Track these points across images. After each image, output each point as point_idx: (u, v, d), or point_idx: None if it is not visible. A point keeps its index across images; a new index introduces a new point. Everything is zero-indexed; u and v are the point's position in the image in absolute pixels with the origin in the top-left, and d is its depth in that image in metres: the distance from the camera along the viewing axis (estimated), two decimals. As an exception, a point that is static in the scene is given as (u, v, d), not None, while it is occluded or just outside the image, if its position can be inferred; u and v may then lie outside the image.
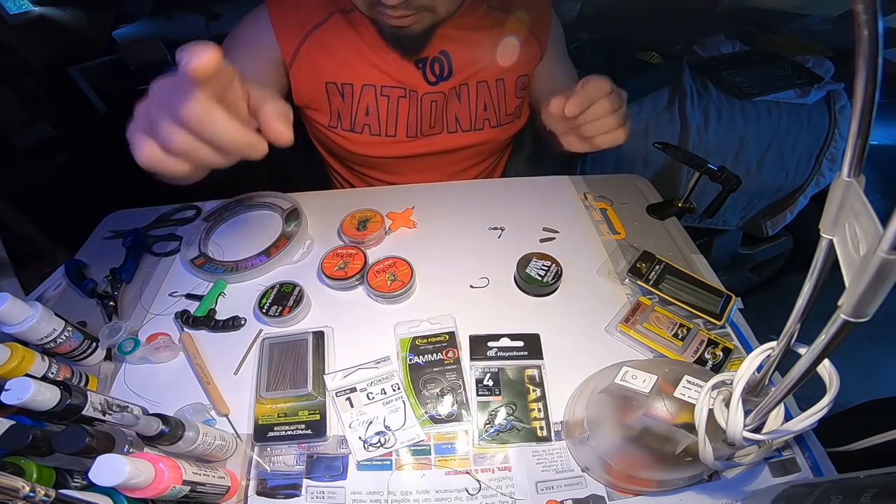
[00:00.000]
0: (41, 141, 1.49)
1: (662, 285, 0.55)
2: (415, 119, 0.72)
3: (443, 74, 0.69)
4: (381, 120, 0.71)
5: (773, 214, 1.22)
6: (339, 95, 0.69)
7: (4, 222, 1.18)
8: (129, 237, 0.66)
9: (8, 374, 0.41)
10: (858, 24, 0.15)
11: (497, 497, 0.41)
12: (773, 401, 0.26)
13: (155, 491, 0.31)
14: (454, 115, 0.73)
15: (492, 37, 0.68)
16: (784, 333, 0.25)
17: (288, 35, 0.65)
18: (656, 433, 0.35)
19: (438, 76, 0.69)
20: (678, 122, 1.08)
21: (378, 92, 0.69)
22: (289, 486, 0.42)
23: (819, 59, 1.13)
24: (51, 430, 0.33)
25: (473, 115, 0.74)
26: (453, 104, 0.72)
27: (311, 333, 0.52)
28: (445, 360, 0.49)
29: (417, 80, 0.68)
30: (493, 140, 0.78)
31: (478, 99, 0.72)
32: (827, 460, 0.42)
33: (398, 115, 0.71)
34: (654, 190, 0.75)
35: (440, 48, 0.67)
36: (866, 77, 0.15)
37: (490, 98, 0.73)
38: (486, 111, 0.74)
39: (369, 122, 0.71)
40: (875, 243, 0.15)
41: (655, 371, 0.37)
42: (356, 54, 0.67)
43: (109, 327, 0.52)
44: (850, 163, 0.18)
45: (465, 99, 0.72)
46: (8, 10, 1.46)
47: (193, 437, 0.38)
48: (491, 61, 0.70)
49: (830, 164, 1.10)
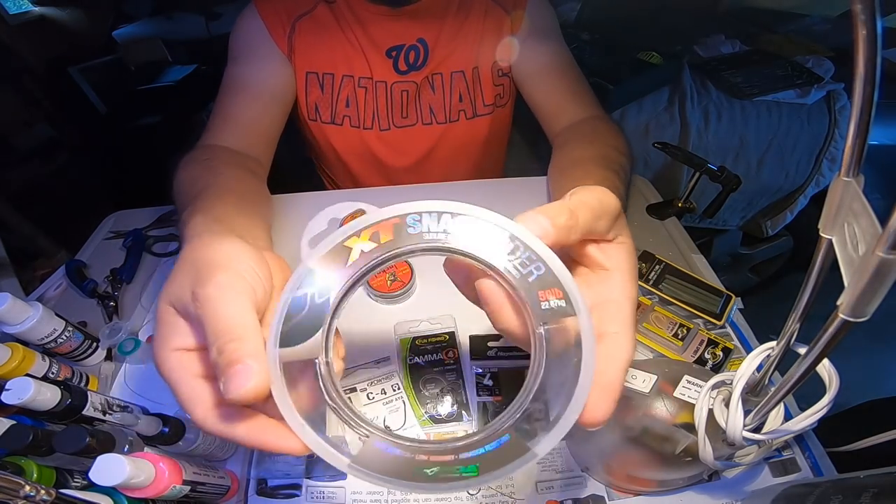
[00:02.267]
0: (41, 141, 1.49)
1: (662, 285, 0.55)
2: (385, 110, 0.71)
3: (416, 64, 0.69)
4: (359, 111, 0.71)
5: (773, 214, 1.22)
6: (318, 86, 0.69)
7: (4, 222, 1.18)
8: (130, 237, 0.66)
9: (8, 374, 0.41)
10: (857, 23, 0.15)
11: (497, 497, 0.41)
12: (773, 401, 0.26)
13: (155, 491, 0.31)
14: (428, 106, 0.72)
15: (470, 24, 0.68)
16: (784, 333, 0.25)
17: (279, 28, 0.65)
18: (656, 433, 0.35)
19: (412, 65, 0.69)
20: (678, 122, 1.08)
21: (356, 83, 0.69)
22: (289, 486, 0.42)
23: (819, 59, 1.13)
24: (51, 430, 0.33)
25: (448, 106, 0.72)
26: (426, 94, 0.71)
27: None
28: (445, 360, 0.49)
29: (387, 70, 0.68)
30: (471, 132, 0.76)
31: (452, 89, 0.71)
32: (827, 460, 0.42)
33: (376, 106, 0.71)
34: (654, 190, 0.75)
35: (418, 35, 0.67)
36: (865, 77, 0.15)
37: (466, 87, 0.72)
38: (461, 101, 0.72)
39: (349, 113, 0.71)
40: (874, 243, 0.15)
41: (655, 371, 0.37)
42: (337, 44, 0.67)
43: (110, 327, 0.52)
44: (848, 162, 0.18)
45: (438, 89, 0.71)
46: (8, 10, 1.47)
47: (193, 437, 0.38)
48: (467, 49, 0.69)
49: (830, 164, 1.10)
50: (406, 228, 0.22)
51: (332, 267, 0.22)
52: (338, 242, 0.22)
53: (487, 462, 0.20)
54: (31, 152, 1.45)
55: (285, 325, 0.21)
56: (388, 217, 0.22)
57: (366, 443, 0.21)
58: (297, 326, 0.21)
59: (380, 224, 0.22)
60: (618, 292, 0.26)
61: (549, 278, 0.21)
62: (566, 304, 0.21)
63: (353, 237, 0.22)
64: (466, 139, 0.77)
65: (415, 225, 0.22)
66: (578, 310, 0.21)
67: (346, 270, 0.22)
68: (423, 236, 0.22)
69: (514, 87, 0.75)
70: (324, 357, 0.22)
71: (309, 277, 0.22)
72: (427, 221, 0.22)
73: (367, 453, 0.20)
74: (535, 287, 0.21)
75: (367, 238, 0.22)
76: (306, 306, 0.22)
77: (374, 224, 0.22)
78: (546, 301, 0.21)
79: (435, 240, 0.22)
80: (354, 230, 0.22)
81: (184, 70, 1.65)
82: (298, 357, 0.21)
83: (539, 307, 0.21)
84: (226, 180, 0.49)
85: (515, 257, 0.22)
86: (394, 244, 0.22)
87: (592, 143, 0.58)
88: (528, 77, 0.72)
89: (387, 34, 0.67)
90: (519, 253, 0.22)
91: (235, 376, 0.19)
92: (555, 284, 0.21)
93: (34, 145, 1.47)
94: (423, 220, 0.22)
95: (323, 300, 0.22)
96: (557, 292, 0.21)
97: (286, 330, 0.21)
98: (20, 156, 1.43)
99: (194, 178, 0.50)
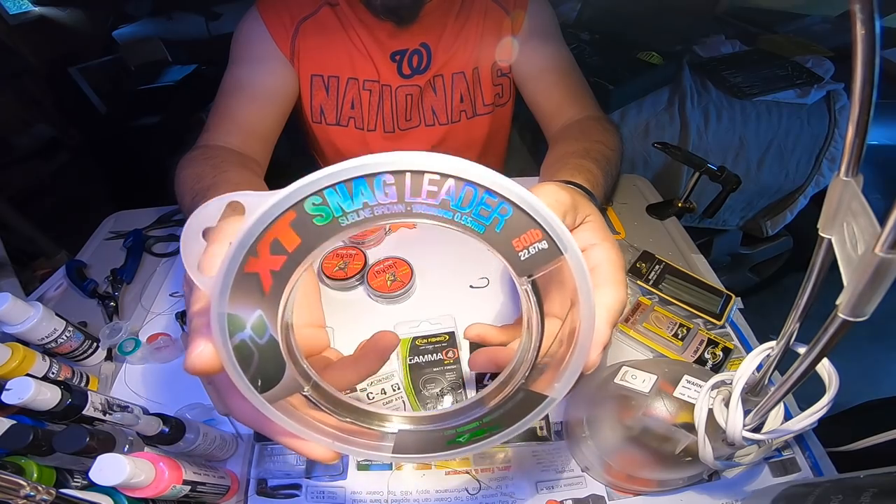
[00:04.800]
0: (41, 141, 1.49)
1: (662, 285, 0.55)
2: (390, 113, 0.72)
3: (420, 67, 0.69)
4: (364, 113, 0.72)
5: (773, 214, 1.22)
6: (323, 89, 0.69)
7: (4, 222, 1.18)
8: (130, 238, 0.66)
9: (9, 373, 0.41)
10: (855, 23, 0.15)
11: (497, 497, 0.41)
12: (773, 400, 0.26)
13: (155, 490, 0.31)
14: (430, 108, 0.73)
15: (471, 25, 0.68)
16: (783, 333, 0.25)
17: (282, 31, 0.65)
18: (656, 433, 0.35)
19: (415, 69, 0.69)
20: (678, 122, 1.08)
21: (361, 86, 0.69)
22: (289, 486, 0.42)
23: (819, 59, 1.13)
24: (51, 430, 0.33)
25: (450, 107, 0.73)
26: (429, 97, 0.72)
27: (311, 333, 0.52)
28: (445, 360, 0.49)
29: (391, 74, 0.69)
30: (471, 132, 0.76)
31: (453, 90, 0.72)
32: (827, 460, 0.42)
33: (380, 109, 0.71)
34: (654, 190, 0.75)
35: (420, 40, 0.67)
36: (864, 77, 0.15)
37: (466, 88, 0.72)
38: (462, 102, 0.73)
39: (354, 115, 0.72)
40: (873, 242, 0.15)
41: (655, 371, 0.37)
42: (342, 47, 0.67)
43: (110, 327, 0.52)
44: (847, 162, 0.18)
45: (440, 91, 0.72)
46: (8, 10, 1.47)
47: (193, 437, 0.38)
48: (468, 50, 0.69)
49: (830, 163, 1.10)
50: (311, 220, 0.17)
51: (248, 303, 0.17)
52: (236, 273, 0.17)
53: (509, 418, 0.21)
54: (31, 152, 1.45)
55: (248, 374, 0.18)
56: (278, 215, 0.16)
57: (397, 435, 0.22)
58: (260, 371, 0.19)
59: (274, 228, 0.17)
60: (601, 258, 0.27)
61: (521, 220, 0.17)
62: (548, 244, 0.18)
63: (250, 258, 0.17)
64: (467, 139, 0.78)
65: (321, 211, 0.17)
66: (564, 247, 0.18)
67: (269, 300, 0.18)
68: (338, 223, 0.17)
69: (514, 86, 0.75)
70: (307, 386, 0.20)
71: (234, 323, 0.17)
72: (334, 200, 0.17)
73: (402, 442, 0.21)
74: (507, 237, 0.18)
75: (268, 253, 0.17)
76: (254, 353, 0.18)
77: (265, 231, 0.16)
78: (525, 249, 0.18)
79: (357, 221, 0.17)
80: (246, 249, 0.17)
81: (184, 70, 1.65)
82: (283, 397, 0.20)
83: (518, 259, 0.18)
84: (232, 177, 0.51)
85: (471, 206, 0.17)
86: (306, 248, 0.17)
87: (578, 139, 0.59)
88: (528, 77, 0.72)
89: (391, 39, 0.67)
90: (474, 200, 0.17)
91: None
92: (529, 226, 0.18)
93: (34, 145, 1.47)
94: (327, 199, 0.17)
95: (266, 340, 0.18)
96: (536, 234, 0.18)
97: (251, 378, 0.18)
98: (20, 156, 1.43)
99: (200, 175, 0.51)
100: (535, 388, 0.21)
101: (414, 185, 0.16)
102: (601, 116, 0.68)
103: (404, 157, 0.16)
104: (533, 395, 0.21)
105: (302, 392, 0.20)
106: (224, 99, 0.64)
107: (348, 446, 0.21)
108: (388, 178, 0.16)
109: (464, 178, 0.17)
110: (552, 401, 0.20)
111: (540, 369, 0.21)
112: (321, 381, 0.22)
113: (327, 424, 0.21)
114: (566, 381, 0.20)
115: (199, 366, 0.19)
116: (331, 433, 0.20)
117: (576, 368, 0.20)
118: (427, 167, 0.16)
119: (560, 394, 0.20)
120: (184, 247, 0.19)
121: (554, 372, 0.20)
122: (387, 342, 0.28)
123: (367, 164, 0.16)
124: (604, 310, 0.24)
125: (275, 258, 0.17)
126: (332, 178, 0.16)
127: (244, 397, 0.21)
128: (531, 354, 0.21)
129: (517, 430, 0.21)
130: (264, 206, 0.16)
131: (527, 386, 0.21)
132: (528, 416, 0.21)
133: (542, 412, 0.20)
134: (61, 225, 1.16)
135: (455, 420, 0.22)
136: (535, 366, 0.21)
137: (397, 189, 0.17)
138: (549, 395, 0.20)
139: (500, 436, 0.21)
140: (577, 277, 0.18)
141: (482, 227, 0.17)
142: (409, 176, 0.16)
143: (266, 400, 0.19)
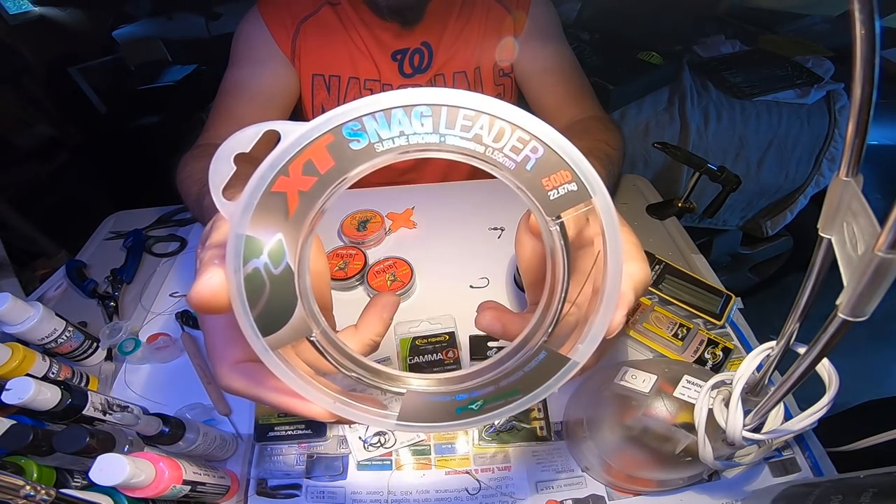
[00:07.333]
0: (41, 141, 1.49)
1: (662, 285, 0.55)
2: None
3: (421, 66, 0.69)
4: None
5: (773, 214, 1.22)
6: (324, 88, 0.69)
7: (4, 222, 1.18)
8: (130, 238, 0.67)
9: (9, 373, 0.41)
10: (855, 23, 0.15)
11: (497, 497, 0.41)
12: (773, 400, 0.26)
13: (155, 490, 0.31)
14: None
15: (472, 24, 0.68)
16: (783, 333, 0.25)
17: (282, 31, 0.66)
18: (656, 433, 0.35)
19: (416, 68, 0.69)
20: (678, 122, 1.08)
21: (362, 85, 0.69)
22: (289, 486, 0.42)
23: (819, 59, 1.13)
24: (51, 430, 0.33)
25: None
26: None
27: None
28: (445, 360, 0.49)
29: (393, 73, 0.68)
30: None
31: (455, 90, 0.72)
32: (827, 460, 0.42)
33: None
34: (654, 190, 0.75)
35: (422, 39, 0.67)
36: (863, 77, 0.15)
37: (468, 88, 0.72)
38: None
39: None
40: (873, 242, 0.15)
41: (655, 371, 0.37)
42: (343, 46, 0.67)
43: (110, 327, 0.52)
44: (847, 162, 0.18)
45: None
46: (8, 10, 1.47)
47: (194, 437, 0.38)
48: (469, 50, 0.69)
49: (830, 163, 1.10)
50: (348, 144, 0.17)
51: (270, 225, 0.17)
52: (263, 191, 0.17)
53: (529, 382, 0.19)
54: (31, 152, 1.45)
55: (254, 312, 0.17)
56: (315, 137, 0.17)
57: (404, 397, 0.20)
58: (268, 309, 0.18)
59: (309, 149, 0.17)
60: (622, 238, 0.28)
61: (552, 159, 0.18)
62: (577, 186, 0.18)
63: (280, 177, 0.17)
64: None
65: (358, 136, 0.17)
66: (593, 189, 0.18)
67: (291, 224, 0.18)
68: (374, 148, 0.18)
69: (516, 86, 0.75)
70: (317, 329, 0.19)
71: (250, 247, 0.17)
72: (372, 126, 0.17)
73: (408, 407, 0.20)
74: (536, 175, 0.18)
75: (299, 173, 0.17)
76: (265, 284, 0.18)
77: (300, 153, 0.17)
78: (554, 189, 0.18)
79: (392, 147, 0.18)
80: (277, 168, 0.17)
81: (184, 70, 1.65)
82: (289, 342, 0.18)
83: (547, 198, 0.18)
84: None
85: (503, 142, 0.18)
86: (339, 170, 0.18)
87: (581, 138, 0.59)
88: (530, 77, 0.72)
89: (392, 38, 0.67)
90: (506, 137, 0.18)
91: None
92: (560, 166, 0.18)
93: (34, 145, 1.47)
94: (365, 125, 0.17)
95: (281, 269, 0.18)
96: (566, 175, 0.18)
97: (257, 317, 0.18)
98: (20, 156, 1.43)
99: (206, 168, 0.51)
100: (559, 349, 0.19)
101: (449, 118, 0.18)
102: (603, 116, 0.68)
103: (442, 93, 0.18)
104: (556, 356, 0.19)
105: (310, 337, 0.19)
106: (224, 98, 0.64)
107: (351, 409, 0.19)
108: (425, 111, 0.18)
109: (498, 117, 0.17)
110: (575, 364, 0.19)
111: (561, 334, 0.20)
112: (329, 328, 0.20)
113: (331, 390, 0.20)
114: (590, 342, 0.19)
115: (204, 295, 0.18)
116: (333, 396, 0.19)
117: (601, 327, 0.19)
118: (464, 103, 0.17)
119: (583, 356, 0.19)
120: (213, 168, 0.19)
121: (577, 335, 0.19)
122: (386, 301, 0.27)
123: (407, 95, 0.17)
124: (628, 277, 0.24)
125: (306, 178, 0.17)
126: (371, 106, 0.17)
127: (233, 361, 0.22)
128: (556, 307, 0.20)
129: (535, 399, 0.19)
130: (303, 129, 0.17)
131: (549, 345, 0.20)
132: (549, 382, 0.19)
133: (563, 377, 0.19)
134: (61, 225, 1.16)
135: (469, 382, 0.20)
136: (559, 320, 0.20)
137: (433, 120, 0.18)
138: (573, 357, 0.19)
139: (518, 403, 0.19)
140: (605, 220, 0.18)
141: (513, 163, 0.18)
142: (445, 110, 0.18)
143: (269, 345, 0.18)
